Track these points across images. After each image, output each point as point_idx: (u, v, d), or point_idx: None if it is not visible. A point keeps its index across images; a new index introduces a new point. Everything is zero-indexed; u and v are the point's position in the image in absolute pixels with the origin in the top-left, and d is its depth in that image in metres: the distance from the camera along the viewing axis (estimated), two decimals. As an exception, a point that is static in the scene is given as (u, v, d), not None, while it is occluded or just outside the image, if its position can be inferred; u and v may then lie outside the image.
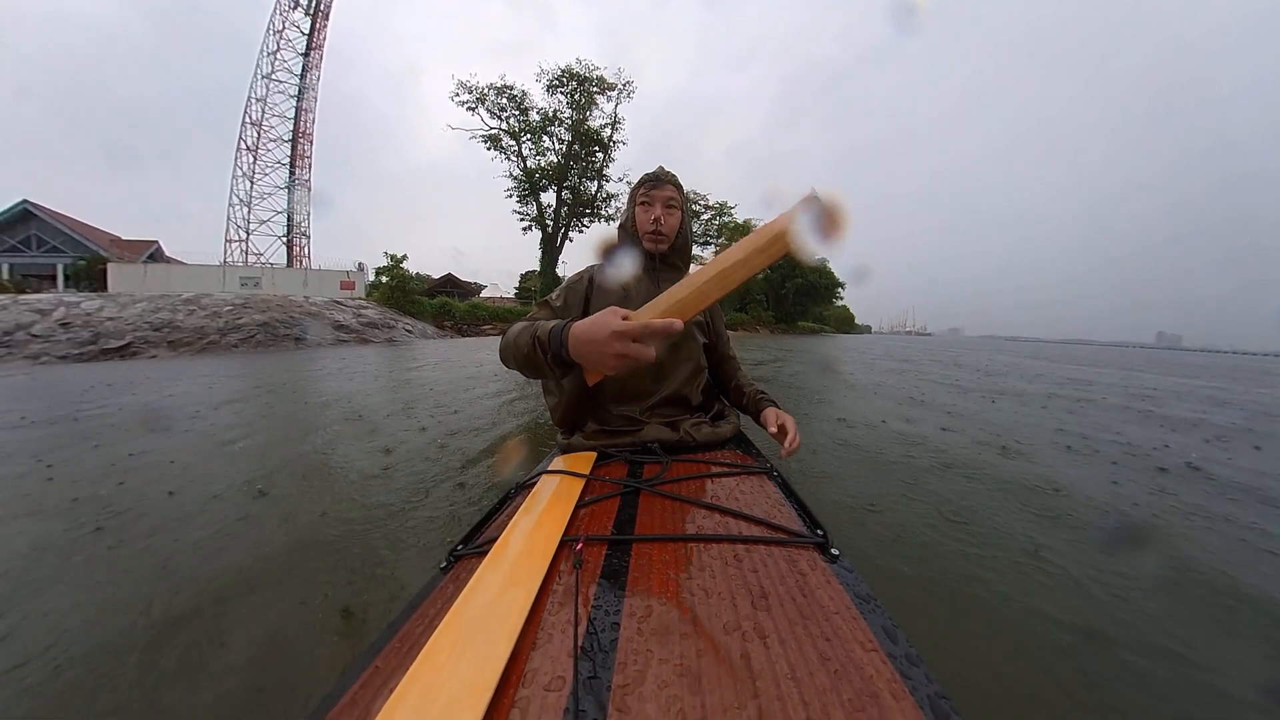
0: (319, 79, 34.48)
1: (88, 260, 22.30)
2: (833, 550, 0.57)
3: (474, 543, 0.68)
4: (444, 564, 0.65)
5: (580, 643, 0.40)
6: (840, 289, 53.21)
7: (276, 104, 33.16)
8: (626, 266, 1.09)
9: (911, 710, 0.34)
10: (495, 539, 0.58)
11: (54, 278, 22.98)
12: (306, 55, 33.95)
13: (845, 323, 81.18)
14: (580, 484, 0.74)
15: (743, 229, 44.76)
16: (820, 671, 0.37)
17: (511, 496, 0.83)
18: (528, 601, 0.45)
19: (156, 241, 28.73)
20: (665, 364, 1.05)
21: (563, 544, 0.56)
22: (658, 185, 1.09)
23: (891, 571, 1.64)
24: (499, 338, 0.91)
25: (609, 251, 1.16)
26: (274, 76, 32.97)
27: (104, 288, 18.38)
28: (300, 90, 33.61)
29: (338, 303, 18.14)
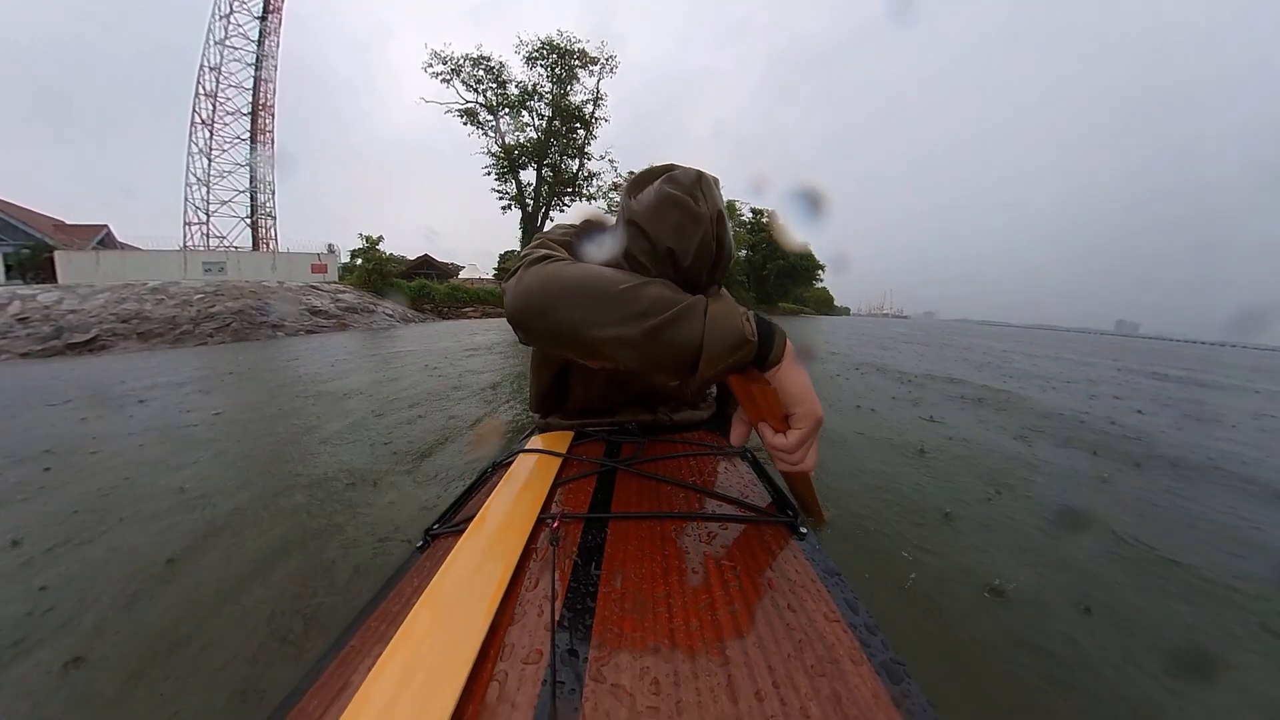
0: (279, 45, 32.21)
1: (31, 248, 20.68)
2: (801, 529, 0.58)
3: (450, 521, 0.67)
4: (420, 543, 0.64)
5: (557, 617, 0.41)
6: (820, 271, 53.83)
7: (233, 73, 30.94)
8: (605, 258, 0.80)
9: (869, 674, 0.37)
10: (472, 517, 0.58)
11: (-8, 267, 21.26)
12: (264, 19, 31.58)
13: (825, 304, 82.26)
14: (557, 463, 0.73)
15: (729, 210, 44.50)
16: (785, 640, 0.40)
17: (488, 475, 0.82)
18: (505, 578, 0.45)
19: (106, 226, 26.75)
20: (655, 389, 0.95)
21: (539, 522, 0.56)
22: None
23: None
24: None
25: (590, 232, 0.85)
26: (228, 42, 30.66)
27: (52, 278, 17.09)
28: (258, 58, 31.36)
29: (314, 287, 17.30)
